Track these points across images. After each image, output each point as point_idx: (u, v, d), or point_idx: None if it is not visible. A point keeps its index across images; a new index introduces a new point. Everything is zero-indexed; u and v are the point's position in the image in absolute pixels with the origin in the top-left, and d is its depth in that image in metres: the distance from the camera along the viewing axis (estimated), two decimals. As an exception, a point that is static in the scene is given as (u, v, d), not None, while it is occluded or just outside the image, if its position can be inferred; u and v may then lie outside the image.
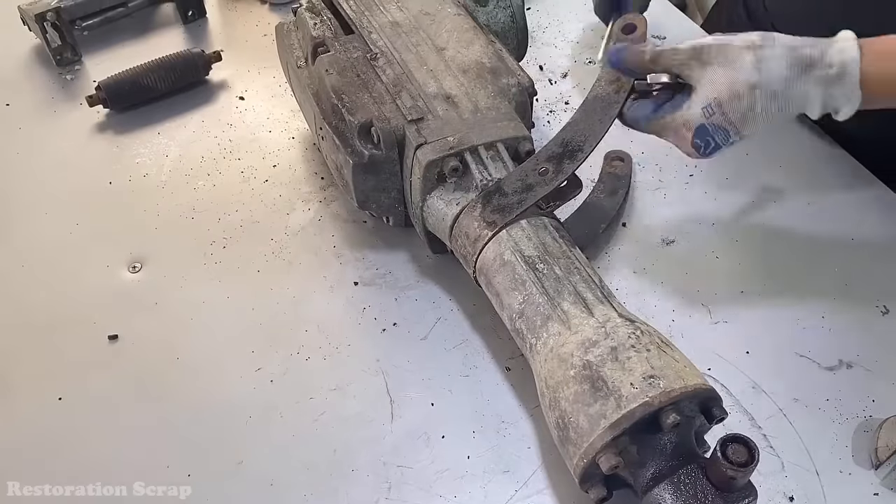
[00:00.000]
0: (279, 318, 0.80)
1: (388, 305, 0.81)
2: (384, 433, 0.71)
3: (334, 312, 0.80)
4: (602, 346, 0.61)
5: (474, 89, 0.80)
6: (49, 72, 1.08)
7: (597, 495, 0.61)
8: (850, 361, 0.75)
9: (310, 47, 0.85)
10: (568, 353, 0.62)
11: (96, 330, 0.79)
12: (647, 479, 0.59)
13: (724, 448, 0.56)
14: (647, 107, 0.72)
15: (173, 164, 0.96)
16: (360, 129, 0.77)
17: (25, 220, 0.90)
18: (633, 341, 0.61)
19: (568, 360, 0.62)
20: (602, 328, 0.62)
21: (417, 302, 0.81)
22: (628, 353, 0.60)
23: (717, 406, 0.61)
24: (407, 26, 0.87)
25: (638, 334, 0.62)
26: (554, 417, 0.62)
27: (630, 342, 0.61)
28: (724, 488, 0.57)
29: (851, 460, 0.68)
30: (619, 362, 0.60)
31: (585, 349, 0.61)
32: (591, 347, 0.61)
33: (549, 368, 0.63)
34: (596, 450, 0.58)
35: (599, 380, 0.59)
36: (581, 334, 0.62)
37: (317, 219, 0.89)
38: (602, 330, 0.62)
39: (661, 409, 0.57)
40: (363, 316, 0.80)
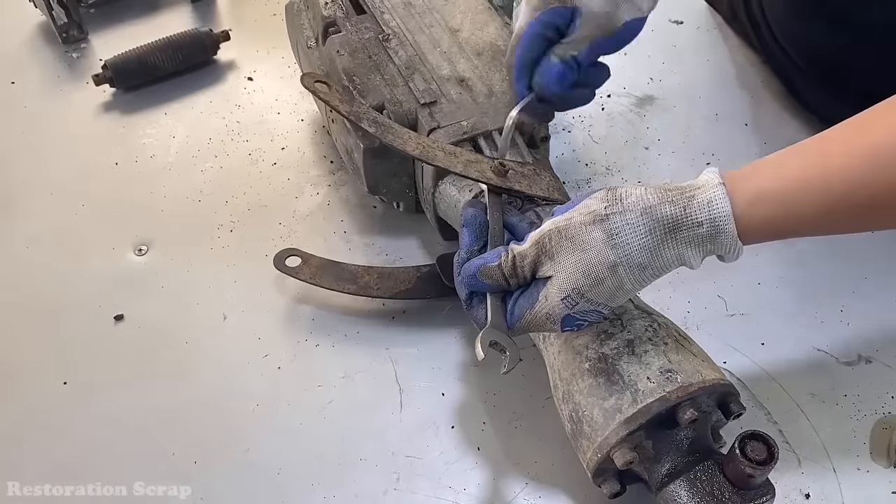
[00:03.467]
0: (287, 303, 0.79)
1: (398, 292, 0.80)
2: (393, 422, 0.70)
3: (343, 299, 0.79)
4: (618, 338, 0.60)
5: (489, 72, 0.79)
6: (55, 50, 1.07)
7: (610, 490, 0.60)
8: (870, 356, 0.74)
9: (321, 27, 0.83)
10: (583, 345, 0.61)
11: (101, 313, 0.78)
12: (663, 475, 0.58)
13: (742, 445, 0.54)
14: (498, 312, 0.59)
15: (180, 145, 0.95)
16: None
17: (30, 200, 0.89)
18: (651, 334, 0.60)
19: (583, 352, 0.60)
20: (618, 320, 0.61)
21: (428, 289, 0.80)
22: (645, 346, 0.59)
23: (734, 402, 0.59)
24: (420, 7, 0.85)
25: (655, 327, 0.60)
26: (567, 410, 0.61)
27: (647, 335, 0.60)
28: (741, 486, 0.56)
29: (869, 457, 0.67)
30: (635, 355, 0.58)
31: (601, 341, 0.60)
32: (607, 340, 0.60)
33: (563, 360, 0.62)
34: (610, 444, 0.57)
35: (615, 373, 0.58)
36: (596, 326, 0.61)
37: (325, 203, 0.88)
38: (618, 322, 0.61)
39: (678, 405, 0.56)
40: (372, 303, 0.79)
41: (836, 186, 0.52)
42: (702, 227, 0.53)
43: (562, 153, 0.92)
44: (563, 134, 0.94)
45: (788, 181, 0.53)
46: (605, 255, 0.54)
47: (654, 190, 0.54)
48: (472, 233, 0.63)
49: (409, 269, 0.78)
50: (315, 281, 0.77)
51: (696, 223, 0.53)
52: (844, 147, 0.52)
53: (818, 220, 0.54)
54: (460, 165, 0.68)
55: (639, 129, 0.95)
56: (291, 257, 0.78)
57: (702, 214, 0.52)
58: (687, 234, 0.53)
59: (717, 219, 0.52)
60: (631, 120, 0.96)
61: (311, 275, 0.77)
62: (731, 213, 0.52)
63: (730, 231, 0.52)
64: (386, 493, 0.66)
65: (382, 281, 0.77)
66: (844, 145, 0.52)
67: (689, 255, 0.54)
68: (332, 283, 0.77)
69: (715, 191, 0.52)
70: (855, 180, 0.51)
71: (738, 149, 0.93)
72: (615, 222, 0.54)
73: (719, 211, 0.52)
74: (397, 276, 0.77)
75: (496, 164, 0.68)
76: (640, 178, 0.88)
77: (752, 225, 0.53)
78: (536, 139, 0.78)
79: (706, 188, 0.53)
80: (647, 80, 1.01)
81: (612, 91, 0.99)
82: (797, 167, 0.53)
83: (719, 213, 0.52)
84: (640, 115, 0.97)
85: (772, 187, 0.53)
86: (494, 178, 0.68)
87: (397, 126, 0.70)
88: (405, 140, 0.69)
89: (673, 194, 0.54)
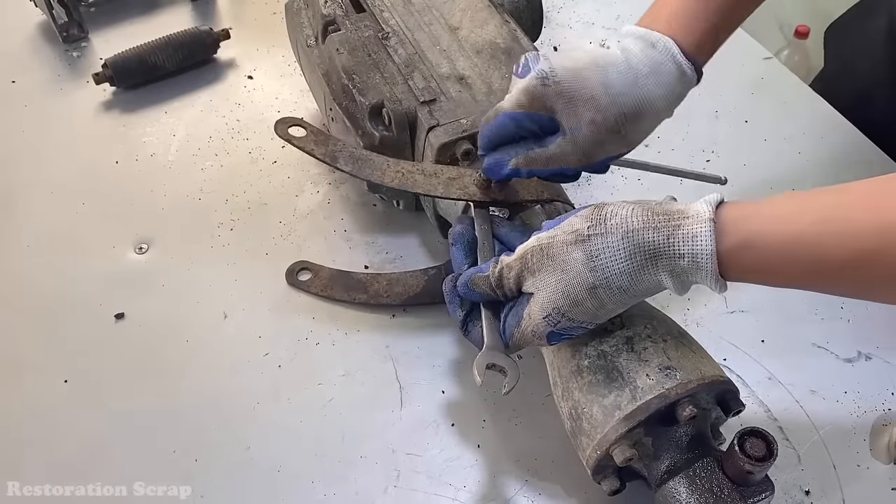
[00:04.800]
0: (288, 302, 0.79)
1: (398, 290, 0.79)
2: (393, 420, 0.70)
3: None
4: (617, 335, 0.60)
5: (488, 70, 0.79)
6: (55, 49, 1.07)
7: (609, 487, 0.60)
8: (870, 353, 0.73)
9: (320, 25, 0.83)
10: (582, 343, 0.61)
11: (101, 312, 0.78)
12: (662, 472, 0.58)
13: (741, 442, 0.54)
14: (493, 331, 0.60)
15: (180, 143, 0.95)
16: (371, 110, 0.76)
17: (31, 199, 0.89)
18: (650, 331, 0.60)
19: (582, 349, 0.60)
20: (618, 317, 0.61)
21: (428, 287, 0.80)
22: (644, 343, 0.59)
23: (733, 399, 0.59)
24: (419, 4, 0.85)
25: (654, 324, 0.60)
26: (567, 408, 0.61)
27: (646, 332, 0.60)
28: (740, 482, 0.56)
29: (869, 454, 0.67)
30: (634, 353, 0.58)
31: (600, 339, 0.60)
32: (606, 337, 0.60)
33: (563, 358, 0.62)
34: (610, 441, 0.57)
35: (614, 370, 0.58)
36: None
37: (326, 201, 0.88)
38: (617, 319, 0.61)
39: (677, 402, 0.56)
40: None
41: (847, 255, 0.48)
42: (682, 259, 0.51)
43: (562, 151, 0.92)
44: (563, 131, 0.94)
45: (789, 235, 0.49)
46: (585, 277, 0.53)
47: (640, 212, 0.53)
48: (461, 250, 0.64)
49: (417, 272, 0.78)
50: (326, 293, 0.78)
51: (678, 254, 0.51)
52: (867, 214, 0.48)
53: (810, 280, 0.53)
54: (441, 187, 0.68)
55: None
56: (302, 271, 0.79)
57: (684, 247, 0.51)
58: (667, 262, 0.52)
59: (698, 255, 0.50)
60: (631, 117, 0.96)
61: (322, 287, 0.78)
62: (713, 253, 0.50)
63: (709, 269, 0.50)
64: (386, 490, 0.66)
65: (392, 287, 0.77)
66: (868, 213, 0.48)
67: (669, 283, 0.53)
68: (344, 294, 0.78)
69: (702, 226, 0.50)
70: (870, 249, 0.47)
71: (737, 146, 0.92)
72: (596, 244, 0.53)
73: (701, 248, 0.50)
74: (406, 281, 0.78)
75: (478, 177, 0.67)
76: (640, 176, 0.88)
77: (737, 267, 0.51)
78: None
79: (693, 220, 0.51)
80: (647, 78, 1.00)
81: (612, 88, 0.99)
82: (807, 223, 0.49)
83: (701, 251, 0.50)
84: (640, 113, 0.96)
85: (768, 234, 0.50)
86: (478, 192, 0.67)
87: (375, 156, 0.70)
88: (383, 171, 0.69)
89: (659, 219, 0.52)
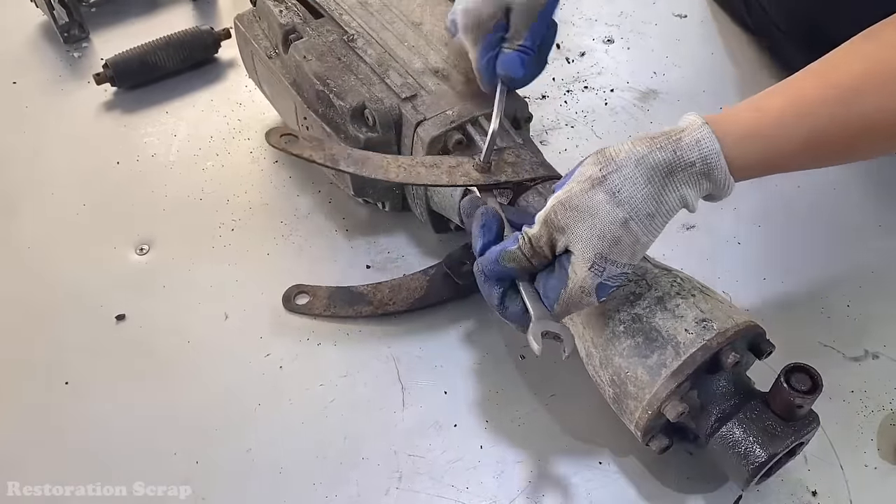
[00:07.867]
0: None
1: (400, 290, 0.79)
2: (395, 421, 0.70)
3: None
4: (647, 297, 0.61)
5: (460, 61, 0.78)
6: (56, 49, 1.07)
7: (659, 445, 0.62)
8: (877, 352, 0.73)
9: (280, 36, 0.82)
10: (613, 310, 0.62)
11: (102, 313, 0.78)
12: (713, 422, 0.60)
13: (787, 377, 0.57)
14: (537, 301, 0.59)
15: (181, 143, 0.94)
16: (352, 112, 0.75)
17: (32, 199, 0.89)
18: (677, 288, 0.62)
19: (614, 316, 0.61)
20: (642, 280, 0.62)
21: (430, 287, 0.79)
22: (675, 300, 0.61)
23: (763, 341, 0.61)
24: (376, 4, 0.85)
25: (679, 281, 0.62)
26: (607, 376, 0.62)
27: (674, 290, 0.61)
28: (788, 418, 0.58)
29: (877, 454, 0.66)
30: (668, 311, 0.60)
31: (631, 302, 0.61)
32: (637, 300, 0.61)
33: (595, 327, 0.63)
34: (661, 399, 0.58)
35: (653, 330, 0.59)
36: (622, 289, 0.62)
37: (327, 201, 0.88)
38: (643, 282, 0.62)
39: (720, 351, 0.58)
40: (374, 301, 0.78)
41: (812, 122, 0.55)
42: (694, 166, 0.54)
43: (565, 149, 0.92)
44: (567, 129, 0.94)
45: (768, 120, 0.55)
46: (615, 214, 0.55)
47: (640, 141, 0.56)
48: (492, 229, 0.63)
49: (417, 274, 0.78)
50: (330, 313, 0.76)
51: (689, 163, 0.54)
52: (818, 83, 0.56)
53: (800, 155, 0.57)
54: (445, 176, 0.69)
55: (642, 123, 0.94)
56: (300, 294, 0.77)
57: (693, 154, 0.54)
58: (682, 174, 0.55)
59: (709, 156, 0.54)
60: (634, 115, 0.95)
61: (323, 308, 0.76)
62: (721, 150, 0.54)
63: (721, 166, 0.54)
64: (388, 492, 0.66)
65: (395, 294, 0.77)
66: (817, 82, 0.56)
67: (689, 194, 0.55)
68: (348, 310, 0.76)
69: (701, 130, 0.55)
70: (828, 114, 0.54)
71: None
72: (614, 180, 0.55)
73: (709, 149, 0.54)
74: (408, 284, 0.77)
75: (477, 162, 0.69)
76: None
77: (740, 162, 0.55)
78: (520, 121, 0.77)
79: (691, 130, 0.55)
80: (651, 75, 1.00)
81: (616, 86, 0.99)
82: (775, 107, 0.56)
83: (709, 151, 0.54)
84: (643, 110, 0.96)
85: (753, 127, 0.55)
86: (480, 177, 0.68)
87: (373, 154, 0.70)
88: (386, 168, 0.69)
89: (660, 140, 0.55)
